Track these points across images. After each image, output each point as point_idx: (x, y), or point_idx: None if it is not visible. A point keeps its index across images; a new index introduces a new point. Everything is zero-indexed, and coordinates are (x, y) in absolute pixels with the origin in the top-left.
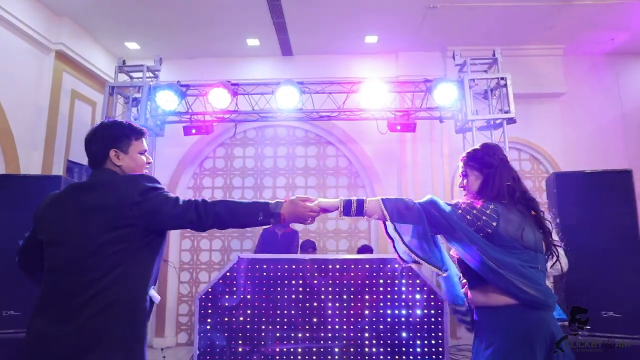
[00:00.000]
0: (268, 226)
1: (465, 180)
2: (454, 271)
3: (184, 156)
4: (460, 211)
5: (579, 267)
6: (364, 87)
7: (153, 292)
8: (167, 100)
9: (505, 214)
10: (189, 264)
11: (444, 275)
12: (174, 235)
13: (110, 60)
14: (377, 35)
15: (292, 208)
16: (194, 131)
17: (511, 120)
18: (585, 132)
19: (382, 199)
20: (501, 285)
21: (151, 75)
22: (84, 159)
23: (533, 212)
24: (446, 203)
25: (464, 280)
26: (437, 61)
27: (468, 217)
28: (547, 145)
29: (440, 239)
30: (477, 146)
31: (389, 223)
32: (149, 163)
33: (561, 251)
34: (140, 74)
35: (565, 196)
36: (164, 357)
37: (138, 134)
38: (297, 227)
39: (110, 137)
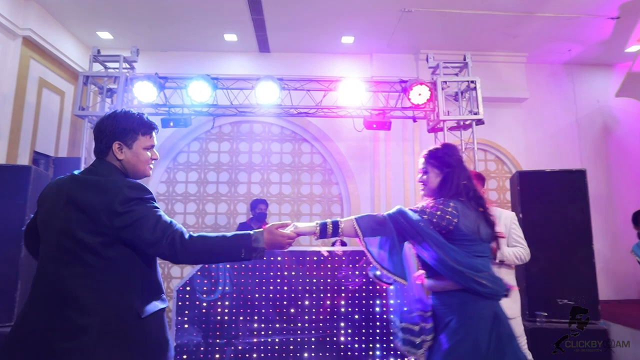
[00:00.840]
0: (244, 221)
1: (425, 176)
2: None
3: (157, 149)
4: (426, 217)
5: (539, 258)
6: (342, 85)
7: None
8: (145, 92)
9: (463, 210)
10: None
11: (405, 284)
12: None
13: (81, 49)
14: (353, 36)
15: (270, 237)
16: (172, 124)
17: (480, 122)
18: (545, 135)
19: (355, 218)
20: (462, 282)
21: (127, 66)
22: (50, 150)
23: (481, 209)
24: (412, 210)
25: (422, 271)
26: (409, 63)
27: (434, 220)
28: (510, 147)
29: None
30: (438, 145)
31: (363, 240)
32: (154, 159)
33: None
34: (115, 65)
35: (528, 193)
36: None
37: (147, 128)
38: (271, 222)
39: (116, 128)
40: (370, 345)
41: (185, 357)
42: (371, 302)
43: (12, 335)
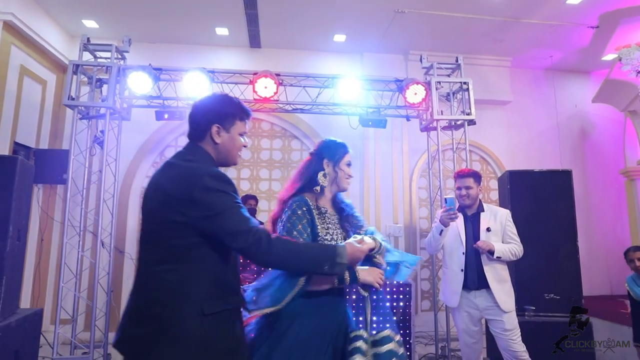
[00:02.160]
0: None
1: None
2: None
3: (145, 143)
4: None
5: (527, 254)
6: (340, 83)
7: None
8: (139, 83)
9: None
10: None
11: None
12: (131, 225)
13: (65, 37)
14: (345, 34)
15: (352, 252)
16: (166, 116)
17: (471, 122)
18: (527, 137)
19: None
20: None
21: (119, 56)
22: (31, 142)
23: None
24: None
25: None
26: (399, 63)
27: None
28: (494, 148)
29: None
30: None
31: None
32: (244, 146)
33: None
34: (106, 54)
35: (517, 192)
36: None
37: (245, 115)
38: (261, 218)
39: (217, 111)
40: None
41: None
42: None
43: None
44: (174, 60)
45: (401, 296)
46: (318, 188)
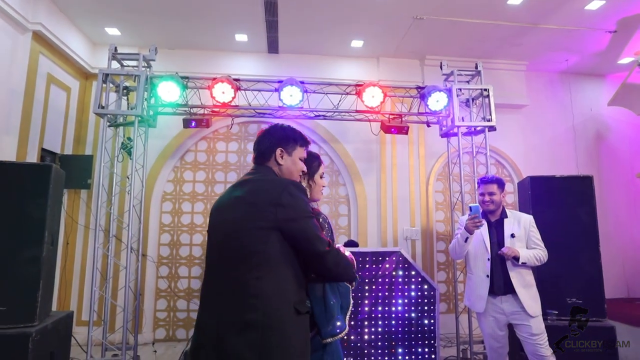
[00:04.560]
0: None
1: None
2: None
3: (165, 148)
4: None
5: (549, 259)
6: (364, 90)
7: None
8: (168, 92)
9: None
10: (168, 258)
11: None
12: (152, 229)
13: (88, 45)
14: (363, 40)
15: (354, 261)
16: (194, 124)
17: (492, 128)
18: (543, 140)
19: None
20: None
21: (145, 64)
22: (57, 148)
23: None
24: None
25: None
26: (415, 68)
27: None
28: (510, 151)
29: None
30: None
31: None
32: (303, 171)
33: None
34: (132, 62)
35: (539, 197)
36: (155, 350)
37: (304, 142)
38: None
39: (281, 137)
40: (393, 344)
41: None
42: (393, 301)
43: (193, 339)
44: (195, 66)
45: (425, 300)
46: None
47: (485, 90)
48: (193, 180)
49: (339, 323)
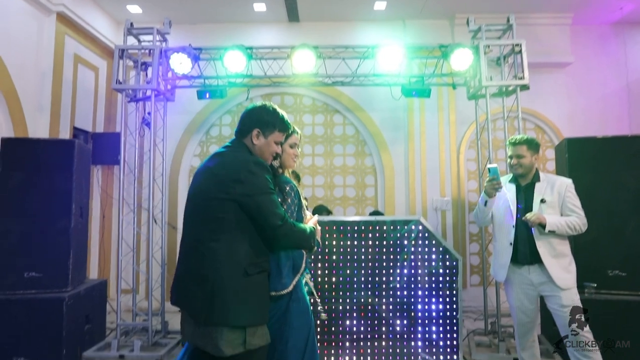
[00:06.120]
0: None
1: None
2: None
3: (190, 123)
4: None
5: (588, 228)
6: (380, 52)
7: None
8: (180, 64)
9: None
10: None
11: None
12: (181, 202)
13: (111, 24)
14: (386, 1)
15: (318, 230)
16: (208, 95)
17: (524, 87)
18: (590, 101)
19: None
20: None
21: (160, 38)
22: (88, 126)
23: None
24: None
25: None
26: (444, 29)
27: None
28: (551, 115)
29: None
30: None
31: None
32: (277, 152)
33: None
34: (148, 37)
35: (576, 161)
36: None
37: (283, 128)
38: (305, 194)
39: (260, 119)
40: (412, 315)
41: None
42: (412, 271)
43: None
44: (215, 40)
45: (447, 271)
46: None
47: (517, 45)
48: None
49: (283, 281)
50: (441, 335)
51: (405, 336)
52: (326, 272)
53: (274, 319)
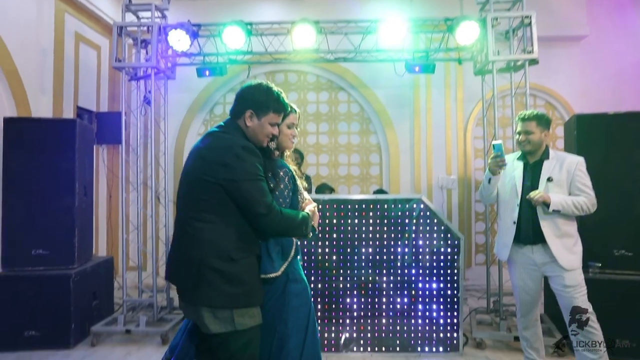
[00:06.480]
0: None
1: None
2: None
3: (194, 102)
4: None
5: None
6: (382, 26)
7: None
8: (178, 40)
9: None
10: None
11: None
12: None
13: (112, 1)
14: None
15: (314, 217)
16: (207, 73)
17: (534, 62)
18: (604, 76)
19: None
20: None
21: (159, 15)
22: (92, 105)
23: None
24: None
25: None
26: (452, 2)
27: None
28: (563, 91)
29: None
30: None
31: None
32: (273, 134)
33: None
34: (147, 14)
35: (585, 139)
36: None
37: (279, 109)
38: (309, 172)
39: (254, 100)
40: (413, 293)
41: None
42: (413, 250)
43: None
44: (215, 16)
45: (449, 249)
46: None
47: (527, 17)
48: None
49: (274, 264)
50: (441, 314)
51: (406, 314)
52: (326, 250)
53: (271, 300)
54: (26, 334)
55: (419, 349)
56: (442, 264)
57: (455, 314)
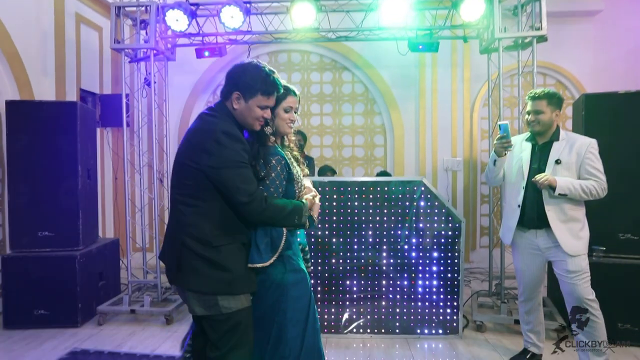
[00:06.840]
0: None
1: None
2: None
3: (197, 84)
4: None
5: None
6: (384, 3)
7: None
8: (177, 20)
9: None
10: None
11: None
12: None
13: None
14: None
15: (311, 204)
16: (207, 53)
17: (542, 39)
18: (620, 54)
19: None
20: None
21: None
22: (95, 87)
23: None
24: None
25: None
26: None
27: None
28: (575, 69)
29: None
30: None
31: None
32: (264, 117)
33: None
34: None
35: (593, 119)
36: None
37: (268, 91)
38: (312, 154)
39: (239, 81)
40: (413, 276)
41: None
42: (414, 232)
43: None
44: None
45: (450, 232)
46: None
47: None
48: None
49: (262, 256)
50: (442, 296)
51: (406, 296)
52: (327, 232)
53: (269, 291)
54: (35, 312)
55: (418, 331)
56: (442, 247)
57: (456, 296)
